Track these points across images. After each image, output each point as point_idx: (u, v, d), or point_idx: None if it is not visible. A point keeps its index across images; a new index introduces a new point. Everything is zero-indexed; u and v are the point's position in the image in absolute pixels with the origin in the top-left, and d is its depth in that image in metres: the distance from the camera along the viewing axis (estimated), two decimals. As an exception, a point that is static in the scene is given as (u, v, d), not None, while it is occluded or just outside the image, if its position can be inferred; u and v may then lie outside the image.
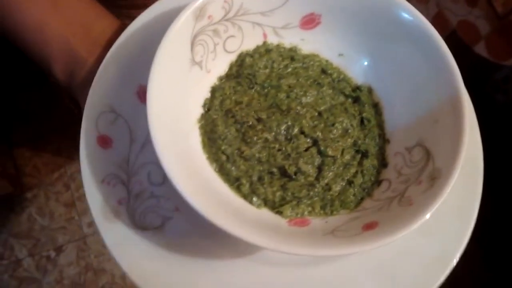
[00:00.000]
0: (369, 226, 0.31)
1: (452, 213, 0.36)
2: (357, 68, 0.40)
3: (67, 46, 0.41)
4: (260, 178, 0.35)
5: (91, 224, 0.99)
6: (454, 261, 0.35)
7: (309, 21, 0.39)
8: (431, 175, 0.32)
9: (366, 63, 0.39)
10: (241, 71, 0.38)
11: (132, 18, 0.39)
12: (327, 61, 0.40)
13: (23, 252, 0.95)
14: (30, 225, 0.97)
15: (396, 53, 0.37)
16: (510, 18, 0.53)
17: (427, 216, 0.29)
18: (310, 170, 0.35)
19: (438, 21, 0.61)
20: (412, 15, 0.36)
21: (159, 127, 0.30)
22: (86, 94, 0.37)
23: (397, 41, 0.37)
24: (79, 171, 0.37)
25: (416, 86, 0.37)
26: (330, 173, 0.35)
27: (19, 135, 0.98)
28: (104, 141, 0.37)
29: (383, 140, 0.38)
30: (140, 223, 0.35)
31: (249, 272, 0.35)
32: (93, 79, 0.37)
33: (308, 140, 0.36)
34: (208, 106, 0.37)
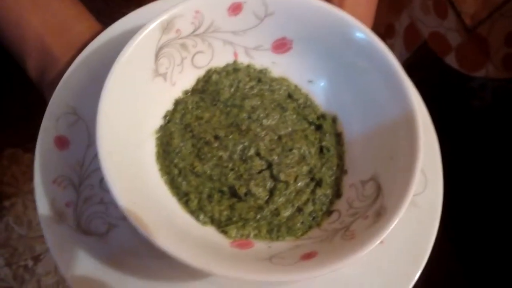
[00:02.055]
0: (308, 256, 0.30)
1: (402, 253, 0.36)
2: (325, 96, 0.40)
3: (42, 45, 0.41)
4: (209, 196, 0.35)
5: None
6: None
7: (281, 45, 0.39)
8: (377, 211, 0.32)
9: (334, 91, 0.39)
10: (206, 87, 0.38)
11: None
12: (296, 86, 0.40)
13: (0, 262, 0.94)
14: (8, 234, 0.95)
15: (363, 83, 0.37)
16: (478, 31, 0.54)
17: (364, 252, 0.29)
18: (261, 193, 0.35)
19: (410, 32, 0.62)
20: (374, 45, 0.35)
21: (107, 133, 0.30)
22: None
23: (362, 71, 0.37)
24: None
25: (378, 120, 0.36)
26: (281, 198, 0.35)
27: (-4, 144, 0.97)
28: (61, 142, 0.37)
29: (341, 170, 0.37)
30: (85, 228, 0.35)
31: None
32: None
33: (263, 162, 0.36)
34: (169, 118, 0.37)
